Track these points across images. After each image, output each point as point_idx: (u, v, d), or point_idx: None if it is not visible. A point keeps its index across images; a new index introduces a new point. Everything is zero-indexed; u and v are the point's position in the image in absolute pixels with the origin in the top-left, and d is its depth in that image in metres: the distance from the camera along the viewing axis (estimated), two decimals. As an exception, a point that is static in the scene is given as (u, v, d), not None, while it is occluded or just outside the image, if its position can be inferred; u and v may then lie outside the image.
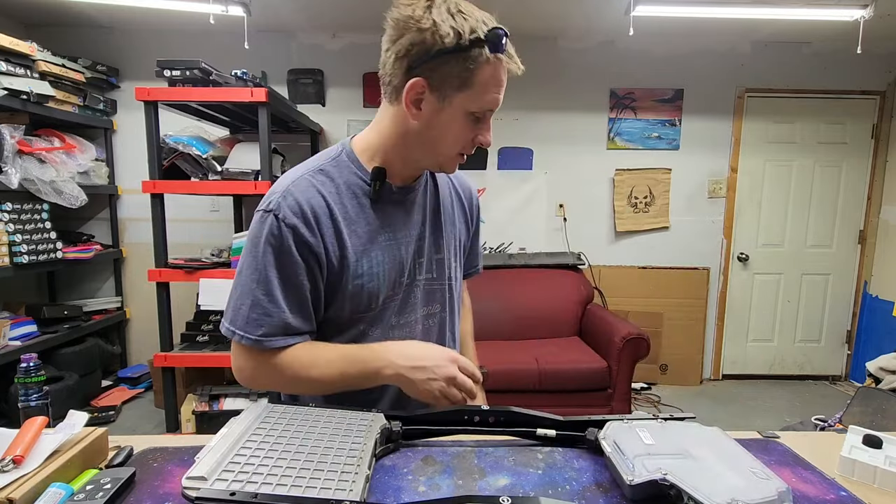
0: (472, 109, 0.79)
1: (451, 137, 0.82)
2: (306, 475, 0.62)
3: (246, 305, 0.81)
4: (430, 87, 0.77)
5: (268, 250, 0.80)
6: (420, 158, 0.86)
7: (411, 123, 0.81)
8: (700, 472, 0.64)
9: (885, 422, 1.91)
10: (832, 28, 3.08)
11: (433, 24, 0.73)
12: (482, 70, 0.75)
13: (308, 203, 0.80)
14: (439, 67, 0.75)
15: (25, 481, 0.61)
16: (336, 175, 0.85)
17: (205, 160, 2.43)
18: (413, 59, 0.76)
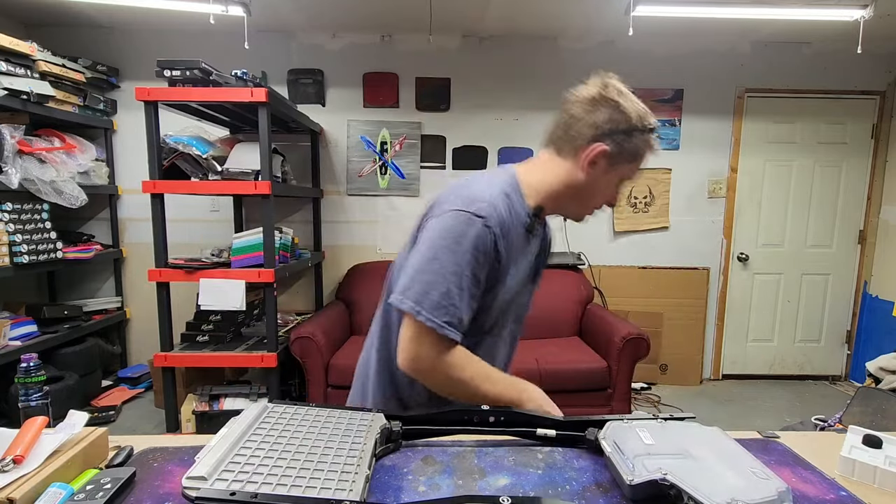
0: (627, 177, 0.96)
1: (602, 197, 0.98)
2: (306, 475, 0.62)
3: (437, 292, 0.85)
4: (609, 154, 0.92)
5: (471, 250, 0.87)
6: (569, 207, 1.00)
7: (578, 178, 0.95)
8: (700, 472, 0.64)
9: (885, 422, 1.91)
10: (832, 28, 3.08)
11: (627, 106, 0.90)
12: (644, 150, 0.94)
13: (506, 221, 0.91)
14: (624, 141, 0.91)
15: (26, 481, 0.62)
16: (513, 202, 0.95)
17: (205, 160, 2.43)
18: (604, 130, 0.91)
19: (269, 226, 2.44)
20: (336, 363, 2.68)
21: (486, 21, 3.15)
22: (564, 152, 0.95)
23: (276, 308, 2.56)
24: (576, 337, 3.20)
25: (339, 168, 3.53)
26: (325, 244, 3.55)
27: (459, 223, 0.87)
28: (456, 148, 3.53)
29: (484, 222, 0.87)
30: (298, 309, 3.54)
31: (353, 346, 2.95)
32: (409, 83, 3.46)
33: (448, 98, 3.48)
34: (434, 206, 0.95)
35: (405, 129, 3.48)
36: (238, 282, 2.43)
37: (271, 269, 2.44)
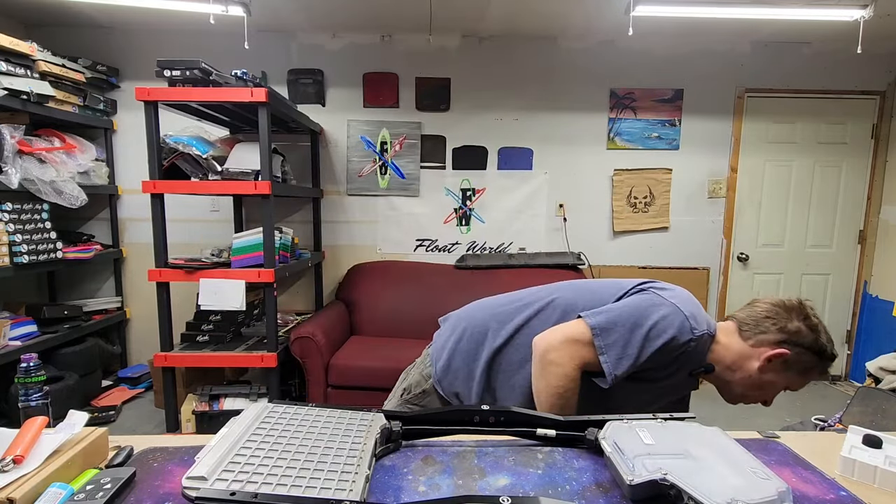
0: (789, 387, 1.07)
1: (763, 393, 1.09)
2: (306, 475, 0.62)
3: (624, 353, 1.01)
4: (787, 360, 1.04)
5: (664, 339, 1.01)
6: (731, 386, 1.10)
7: (751, 366, 1.06)
8: (700, 471, 0.64)
9: (885, 422, 1.91)
10: (832, 28, 3.08)
11: (819, 330, 1.05)
12: (816, 373, 1.06)
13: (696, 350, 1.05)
14: (803, 356, 1.03)
15: (26, 481, 0.62)
16: (700, 348, 1.06)
17: (205, 160, 2.43)
18: (792, 339, 1.04)
19: (269, 226, 2.44)
20: (336, 363, 2.68)
21: (486, 21, 3.15)
22: (746, 336, 1.07)
23: (276, 308, 2.56)
24: (576, 337, 3.19)
25: (339, 168, 3.53)
26: (325, 244, 3.55)
27: (677, 322, 1.02)
28: (456, 148, 3.53)
29: (690, 339, 1.02)
30: (298, 309, 3.54)
31: (353, 346, 2.95)
32: (409, 83, 3.46)
33: (448, 98, 3.48)
34: (660, 287, 1.11)
35: (405, 129, 3.48)
36: (238, 282, 2.43)
37: (271, 269, 2.44)
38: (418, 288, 3.28)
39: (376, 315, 3.23)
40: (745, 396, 1.11)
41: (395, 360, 2.30)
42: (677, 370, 1.06)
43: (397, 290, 3.29)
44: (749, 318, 1.08)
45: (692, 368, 1.08)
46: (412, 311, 3.20)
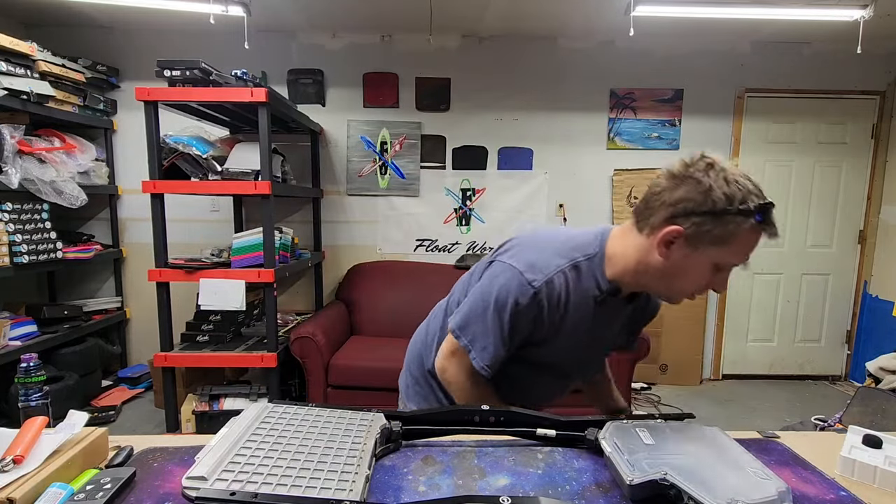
0: (722, 263, 0.87)
1: (690, 281, 0.90)
2: (306, 475, 0.62)
3: (486, 340, 0.96)
4: (686, 236, 0.85)
5: (514, 311, 0.93)
6: (653, 287, 0.96)
7: (654, 259, 0.90)
8: (700, 472, 0.64)
9: (885, 422, 1.91)
10: (832, 28, 3.08)
11: (709, 187, 0.83)
12: (743, 235, 0.83)
13: (559, 295, 0.94)
14: (702, 224, 0.83)
15: (26, 481, 0.62)
16: (584, 274, 0.96)
17: (205, 160, 2.43)
18: (679, 210, 0.85)
19: (269, 226, 2.44)
20: (336, 363, 2.68)
21: (486, 21, 3.15)
22: (641, 227, 0.91)
23: (276, 308, 2.56)
24: (576, 337, 3.20)
25: (339, 168, 3.53)
26: (325, 244, 3.55)
27: (513, 285, 0.93)
28: (456, 148, 3.53)
29: (532, 291, 0.92)
30: (298, 309, 3.54)
31: (353, 345, 2.95)
32: (409, 83, 3.46)
33: (448, 98, 3.48)
34: (505, 250, 1.01)
35: (405, 129, 3.48)
36: (238, 282, 2.43)
37: (271, 269, 2.44)
38: (418, 288, 3.28)
39: (376, 315, 3.23)
40: (677, 293, 0.94)
41: (395, 360, 2.29)
42: (567, 316, 0.95)
43: (397, 290, 3.29)
44: (642, 201, 0.92)
45: (595, 297, 0.96)
46: (412, 311, 3.18)
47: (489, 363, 0.96)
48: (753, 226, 0.82)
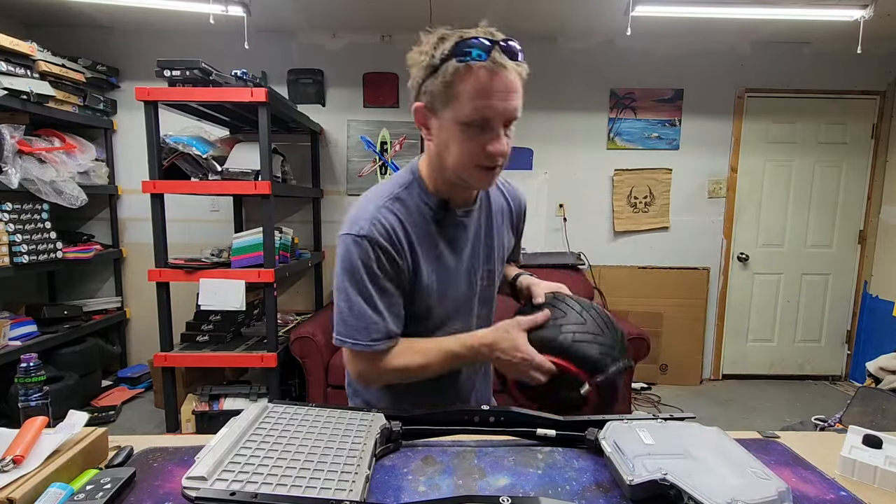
0: (465, 120, 0.81)
1: (456, 152, 0.85)
2: (306, 475, 0.62)
3: (353, 318, 0.90)
4: (428, 108, 0.85)
5: (364, 269, 0.89)
6: (450, 178, 0.91)
7: (430, 145, 0.90)
8: (700, 471, 0.64)
9: (885, 422, 1.91)
10: (832, 28, 3.08)
11: (423, 48, 0.84)
12: (460, 81, 0.80)
13: (392, 228, 0.90)
14: (428, 90, 0.83)
15: (25, 481, 0.62)
16: (409, 201, 0.94)
17: (205, 160, 2.43)
18: (416, 89, 0.86)
19: (269, 226, 2.44)
20: (336, 363, 2.68)
21: (485, 21, 3.14)
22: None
23: (276, 308, 2.56)
24: (576, 337, 3.19)
25: (339, 168, 3.53)
26: (325, 244, 3.55)
27: (348, 248, 0.90)
28: (456, 148, 3.53)
29: (366, 241, 0.88)
30: (298, 309, 3.54)
31: (353, 346, 2.94)
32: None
33: (448, 98, 3.48)
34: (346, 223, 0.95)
35: (405, 129, 3.48)
36: (238, 282, 2.43)
37: (271, 269, 2.44)
38: (418, 288, 3.27)
39: (376, 315, 3.23)
40: (462, 169, 0.87)
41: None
42: (416, 247, 0.93)
43: (397, 290, 3.28)
44: None
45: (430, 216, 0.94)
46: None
47: (377, 336, 0.90)
48: (460, 66, 0.79)
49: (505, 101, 0.81)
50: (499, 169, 0.88)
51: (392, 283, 0.91)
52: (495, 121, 0.82)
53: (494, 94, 0.80)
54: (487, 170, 0.86)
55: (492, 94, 0.80)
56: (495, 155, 0.84)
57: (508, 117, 0.83)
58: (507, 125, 0.84)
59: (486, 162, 0.85)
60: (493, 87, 0.80)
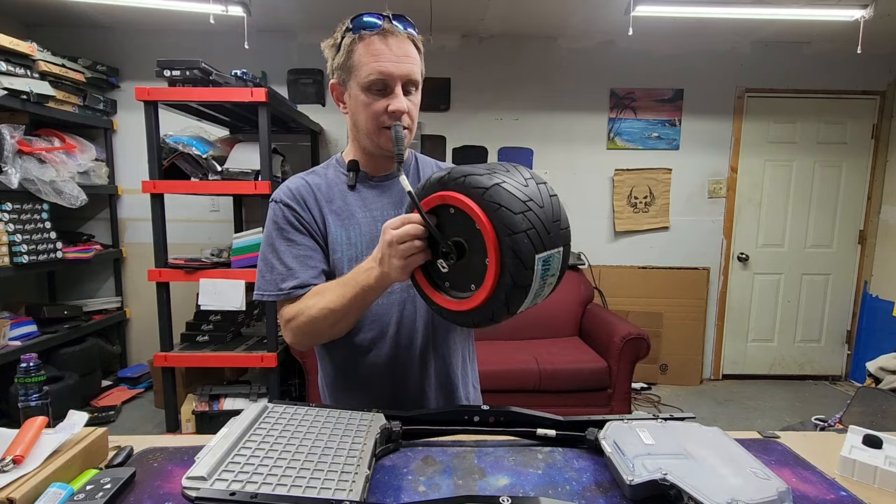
0: (363, 83, 0.89)
1: (363, 116, 0.93)
2: (306, 475, 0.62)
3: (266, 271, 0.96)
4: (339, 84, 0.95)
5: (274, 227, 0.97)
6: (365, 146, 0.98)
7: (347, 118, 0.98)
8: (700, 472, 0.64)
9: (885, 422, 1.91)
10: (832, 28, 3.08)
11: (331, 37, 0.94)
12: (356, 51, 0.89)
13: (297, 190, 0.99)
14: (336, 66, 0.94)
15: (25, 481, 0.62)
16: (323, 173, 1.03)
17: (205, 160, 2.43)
18: (330, 72, 0.96)
19: (269, 226, 2.43)
20: (336, 363, 2.67)
21: (486, 21, 3.15)
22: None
23: (276, 308, 2.55)
24: (576, 337, 3.20)
25: (339, 168, 3.52)
26: (325, 244, 3.54)
27: (269, 215, 0.99)
28: (456, 148, 3.53)
29: (274, 202, 0.98)
30: (298, 309, 3.54)
31: (353, 346, 2.94)
32: (409, 83, 3.45)
33: (448, 98, 3.48)
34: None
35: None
36: (238, 282, 2.43)
37: (271, 269, 2.44)
38: (418, 288, 3.27)
39: (376, 315, 3.23)
40: (368, 131, 0.93)
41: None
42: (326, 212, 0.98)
43: (397, 290, 3.28)
44: None
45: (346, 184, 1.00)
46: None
47: (284, 286, 0.92)
48: (355, 38, 0.88)
49: (398, 62, 0.88)
50: (408, 130, 0.92)
51: (301, 234, 0.96)
52: (392, 80, 0.89)
53: (388, 56, 0.88)
54: (388, 129, 0.92)
55: (385, 55, 0.88)
56: (396, 112, 0.90)
57: (404, 77, 0.89)
58: (407, 88, 0.91)
59: (388, 121, 0.91)
60: (386, 49, 0.88)
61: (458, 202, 0.70)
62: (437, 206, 0.74)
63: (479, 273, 0.70)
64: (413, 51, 0.91)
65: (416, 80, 0.92)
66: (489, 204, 0.67)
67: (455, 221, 0.73)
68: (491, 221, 0.67)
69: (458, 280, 0.75)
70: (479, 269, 0.70)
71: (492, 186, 0.68)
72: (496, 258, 0.67)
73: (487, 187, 0.68)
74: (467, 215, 0.69)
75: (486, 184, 0.68)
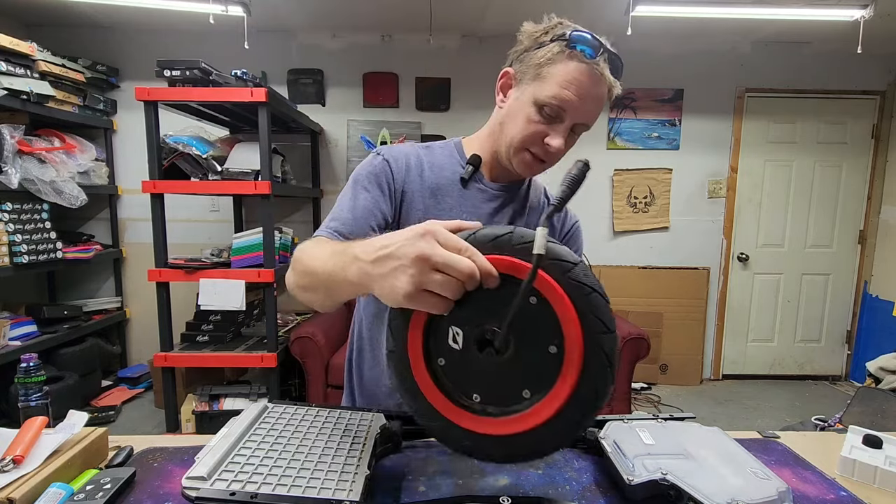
0: (541, 99, 0.81)
1: (518, 126, 0.85)
2: (306, 475, 0.62)
3: (331, 212, 0.87)
4: (515, 77, 0.87)
5: (363, 173, 0.90)
6: (497, 149, 0.91)
7: (499, 112, 0.91)
8: (700, 472, 0.64)
9: (885, 422, 1.91)
10: (832, 28, 3.08)
11: (539, 29, 0.87)
12: (557, 64, 0.81)
13: (407, 158, 0.92)
14: (526, 59, 0.85)
15: (25, 481, 0.61)
16: (439, 154, 0.96)
17: (205, 160, 2.43)
18: (513, 56, 0.88)
19: (269, 226, 2.44)
20: (336, 363, 2.68)
21: (486, 21, 3.15)
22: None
23: (276, 308, 2.56)
24: (576, 337, 3.19)
25: (339, 168, 3.53)
26: (325, 244, 3.54)
27: (363, 162, 0.92)
28: (456, 148, 3.53)
29: (377, 155, 0.91)
30: (298, 309, 3.54)
31: (353, 346, 2.94)
32: (409, 83, 3.46)
33: (448, 98, 3.48)
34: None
35: (405, 129, 3.48)
36: (238, 282, 2.43)
37: (271, 269, 2.44)
38: (418, 288, 3.27)
39: (376, 315, 3.23)
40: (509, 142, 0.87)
41: (395, 360, 2.29)
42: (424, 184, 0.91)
43: (397, 290, 3.28)
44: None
45: (458, 174, 0.93)
46: (412, 311, 3.19)
47: (334, 225, 0.83)
48: (565, 52, 0.81)
49: (585, 103, 0.82)
50: (546, 165, 0.89)
51: (381, 193, 0.88)
52: (567, 115, 0.82)
53: (580, 91, 0.81)
54: (534, 158, 0.87)
55: (578, 89, 0.80)
56: (550, 148, 0.84)
57: (580, 119, 0.84)
58: (574, 128, 0.85)
59: (538, 150, 0.86)
60: (582, 84, 0.80)
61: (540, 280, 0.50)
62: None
63: (532, 378, 0.51)
64: (605, 97, 0.84)
65: (589, 126, 0.87)
66: (577, 286, 0.50)
67: (497, 298, 0.51)
68: (578, 311, 0.50)
69: (473, 379, 0.53)
70: (528, 371, 0.51)
71: (579, 263, 0.51)
72: (580, 360, 0.50)
73: (574, 263, 0.51)
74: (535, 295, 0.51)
75: (571, 259, 0.51)
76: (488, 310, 0.52)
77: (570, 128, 0.84)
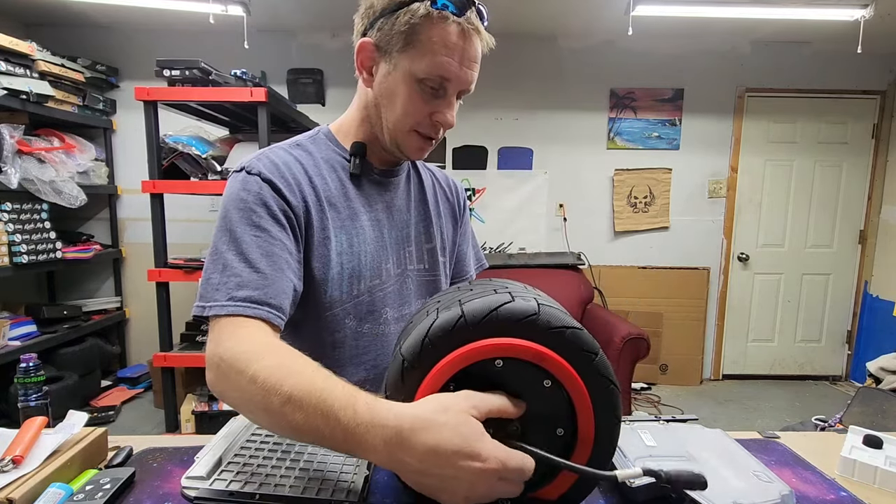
0: (420, 74, 0.71)
1: (401, 106, 0.74)
2: (306, 475, 0.62)
3: (215, 272, 0.67)
4: (378, 48, 0.73)
5: (237, 207, 0.69)
6: (378, 134, 0.80)
7: (368, 93, 0.78)
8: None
9: (885, 422, 1.91)
10: (832, 28, 3.08)
11: None
12: (428, 27, 0.70)
13: (286, 164, 0.75)
14: (384, 25, 0.71)
15: (25, 481, 0.61)
16: (314, 150, 0.81)
17: (204, 160, 2.43)
18: (365, 22, 0.74)
19: (269, 226, 2.43)
20: (336, 363, 2.67)
21: (485, 21, 3.14)
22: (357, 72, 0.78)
23: (275, 308, 2.55)
24: (576, 337, 3.19)
25: (338, 168, 3.52)
26: (324, 244, 3.54)
27: (232, 188, 0.72)
28: (456, 148, 3.53)
29: (245, 173, 0.72)
30: (298, 309, 3.54)
31: (353, 346, 2.94)
32: (409, 83, 3.45)
33: (448, 98, 3.48)
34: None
35: (405, 129, 3.48)
36: (238, 282, 2.42)
37: (271, 269, 2.43)
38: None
39: (376, 315, 3.23)
40: (398, 130, 0.77)
41: (394, 360, 2.29)
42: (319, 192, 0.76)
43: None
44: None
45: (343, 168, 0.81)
46: (412, 311, 3.19)
47: (239, 295, 0.64)
48: (432, 12, 0.68)
49: (468, 69, 0.74)
50: (435, 142, 0.79)
51: (278, 226, 0.70)
52: (452, 86, 0.74)
53: (460, 56, 0.72)
54: (425, 138, 0.78)
55: (459, 55, 0.72)
56: (440, 125, 0.76)
57: (464, 87, 0.75)
58: (459, 96, 0.77)
59: (427, 129, 0.76)
60: (459, 48, 0.72)
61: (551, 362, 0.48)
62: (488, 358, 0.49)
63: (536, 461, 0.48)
64: (481, 54, 0.76)
65: (471, 90, 0.77)
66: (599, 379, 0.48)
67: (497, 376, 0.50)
68: (591, 393, 0.48)
69: None
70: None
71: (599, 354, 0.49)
72: (591, 443, 0.50)
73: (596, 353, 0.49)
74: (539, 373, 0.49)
75: (593, 348, 0.49)
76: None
77: (456, 96, 0.76)
